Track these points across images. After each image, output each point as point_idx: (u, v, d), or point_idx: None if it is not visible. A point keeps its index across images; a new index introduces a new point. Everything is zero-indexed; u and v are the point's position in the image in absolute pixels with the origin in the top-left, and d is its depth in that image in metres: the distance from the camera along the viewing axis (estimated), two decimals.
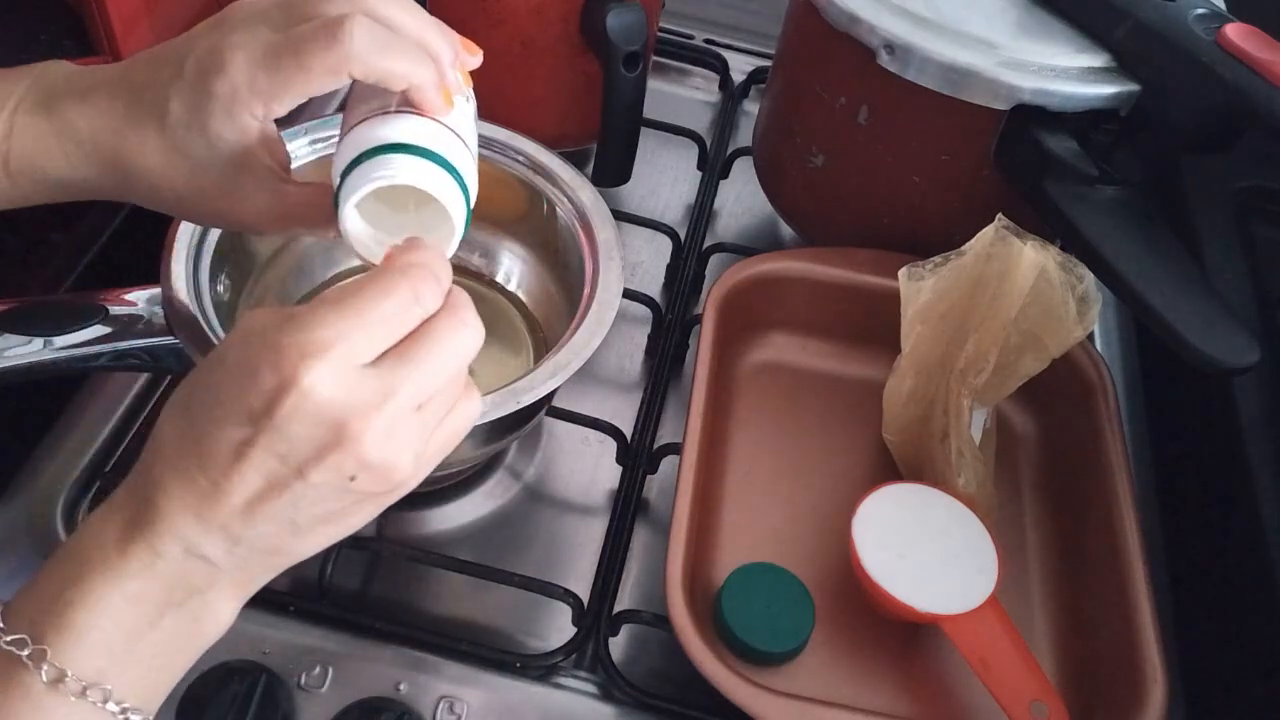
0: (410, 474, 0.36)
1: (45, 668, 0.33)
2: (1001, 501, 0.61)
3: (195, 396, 0.34)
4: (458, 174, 0.40)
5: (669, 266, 0.75)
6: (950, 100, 0.58)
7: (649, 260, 0.76)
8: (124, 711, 0.34)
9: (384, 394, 0.33)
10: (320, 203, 0.42)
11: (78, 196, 0.44)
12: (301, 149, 0.60)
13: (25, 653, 0.33)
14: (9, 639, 0.33)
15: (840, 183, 0.67)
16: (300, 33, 0.38)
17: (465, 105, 0.42)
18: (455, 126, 0.41)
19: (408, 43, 0.39)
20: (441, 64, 0.40)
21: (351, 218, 0.39)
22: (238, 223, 0.44)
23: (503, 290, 0.66)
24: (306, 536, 0.36)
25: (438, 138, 0.40)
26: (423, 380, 0.35)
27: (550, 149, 0.63)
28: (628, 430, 0.63)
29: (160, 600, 0.34)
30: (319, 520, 0.36)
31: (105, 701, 0.33)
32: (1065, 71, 0.57)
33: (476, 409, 0.38)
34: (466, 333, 0.36)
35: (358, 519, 0.37)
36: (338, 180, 0.39)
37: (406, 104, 0.40)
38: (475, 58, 0.44)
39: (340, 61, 0.38)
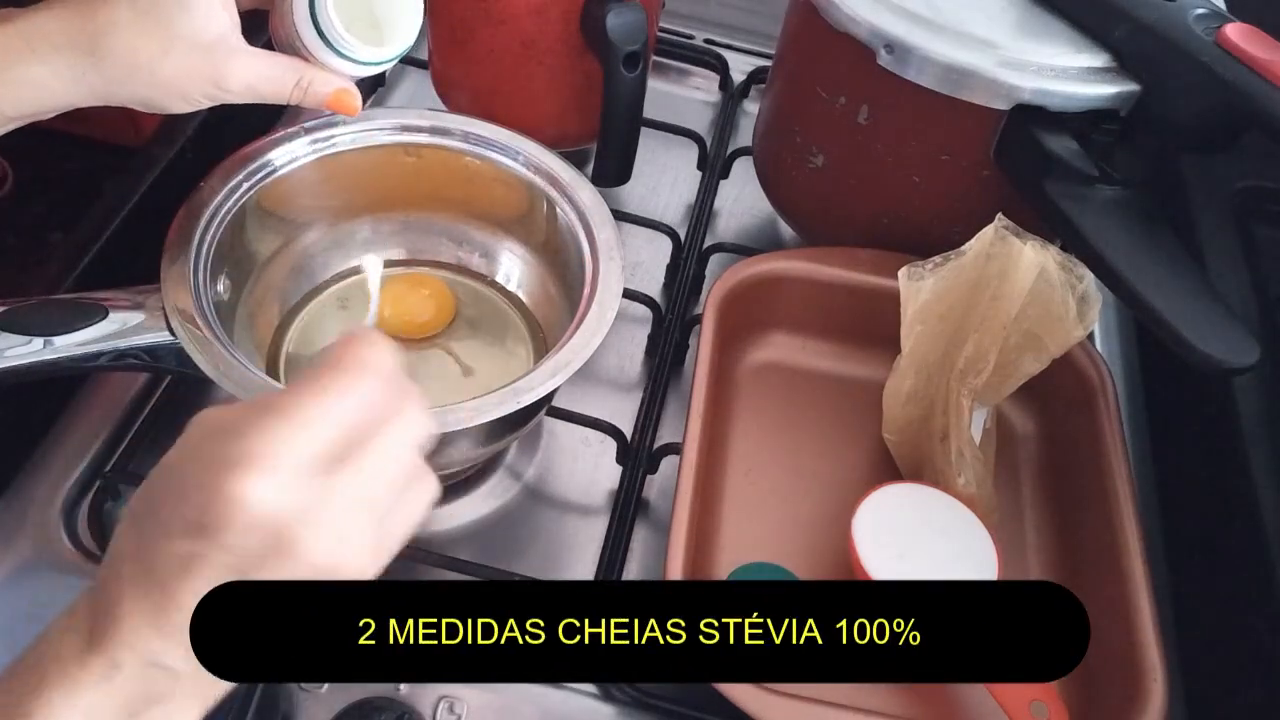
0: (365, 567, 0.35)
1: None
2: (1001, 501, 0.61)
3: (143, 507, 0.34)
4: None
5: (669, 266, 0.75)
6: (950, 100, 0.58)
7: (649, 260, 0.76)
8: None
9: (326, 497, 0.33)
10: (278, 69, 0.49)
11: (44, 103, 0.47)
12: (302, 149, 0.60)
13: None
14: None
15: (840, 183, 0.67)
16: None
17: None
18: None
19: None
20: None
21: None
22: (208, 94, 0.48)
23: (503, 290, 0.66)
24: None
25: None
26: (370, 478, 0.34)
27: (550, 149, 0.63)
28: (628, 430, 0.63)
29: (118, 712, 0.33)
30: None
31: None
32: (1065, 71, 0.57)
33: (432, 489, 0.37)
34: (412, 425, 0.36)
35: None
36: None
37: None
38: None
39: None
